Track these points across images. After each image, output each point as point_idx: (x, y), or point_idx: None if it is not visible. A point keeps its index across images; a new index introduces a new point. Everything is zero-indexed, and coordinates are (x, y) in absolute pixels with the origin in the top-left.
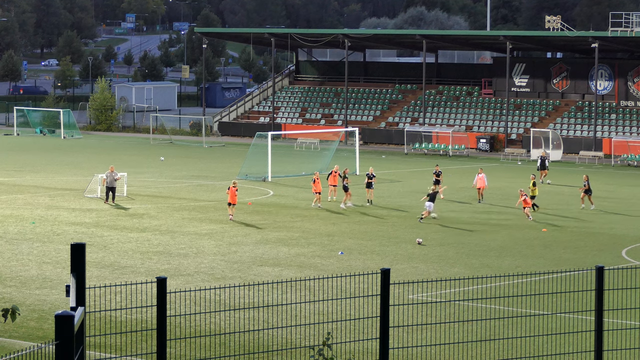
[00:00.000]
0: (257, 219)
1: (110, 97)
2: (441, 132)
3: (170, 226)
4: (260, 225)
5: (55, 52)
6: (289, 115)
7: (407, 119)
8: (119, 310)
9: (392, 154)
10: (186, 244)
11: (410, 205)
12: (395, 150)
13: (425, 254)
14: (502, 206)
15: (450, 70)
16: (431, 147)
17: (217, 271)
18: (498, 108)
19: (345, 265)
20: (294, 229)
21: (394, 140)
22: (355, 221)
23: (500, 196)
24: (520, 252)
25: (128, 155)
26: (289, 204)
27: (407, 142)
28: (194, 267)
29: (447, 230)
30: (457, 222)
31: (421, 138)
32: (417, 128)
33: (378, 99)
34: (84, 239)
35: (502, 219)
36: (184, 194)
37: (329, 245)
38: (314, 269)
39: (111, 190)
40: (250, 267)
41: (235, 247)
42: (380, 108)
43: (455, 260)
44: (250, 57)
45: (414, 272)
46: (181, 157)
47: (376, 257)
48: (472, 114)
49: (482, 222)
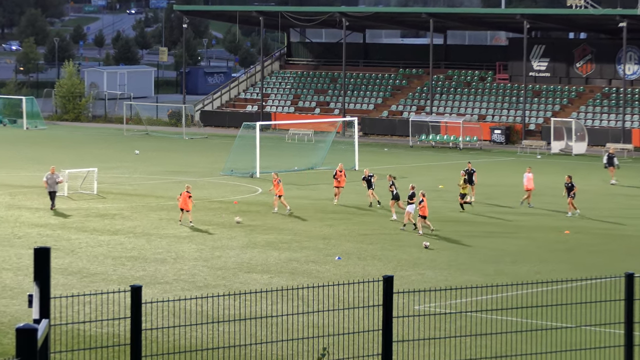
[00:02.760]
0: (243, 220)
1: (78, 83)
2: (450, 122)
3: (146, 228)
4: (248, 226)
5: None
6: (280, 103)
7: (412, 108)
8: (88, 323)
9: (395, 147)
10: (164, 248)
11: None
12: (399, 143)
13: (433, 259)
14: (519, 206)
15: (460, 53)
16: (439, 139)
17: (198, 279)
18: (514, 95)
19: (343, 272)
20: (286, 231)
21: (397, 131)
22: (355, 222)
23: (518, 195)
24: (540, 257)
25: (99, 149)
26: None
27: (413, 134)
28: (173, 274)
29: (458, 233)
30: (468, 223)
31: (428, 129)
32: (423, 118)
33: (379, 85)
34: (48, 242)
35: (520, 220)
36: (162, 191)
37: (325, 250)
38: (307, 276)
39: (52, 195)
40: (236, 274)
41: (219, 252)
42: (382, 95)
43: (466, 267)
44: (236, 39)
45: (421, 279)
46: (158, 151)
47: (378, 262)
48: (485, 101)
49: (497, 223)
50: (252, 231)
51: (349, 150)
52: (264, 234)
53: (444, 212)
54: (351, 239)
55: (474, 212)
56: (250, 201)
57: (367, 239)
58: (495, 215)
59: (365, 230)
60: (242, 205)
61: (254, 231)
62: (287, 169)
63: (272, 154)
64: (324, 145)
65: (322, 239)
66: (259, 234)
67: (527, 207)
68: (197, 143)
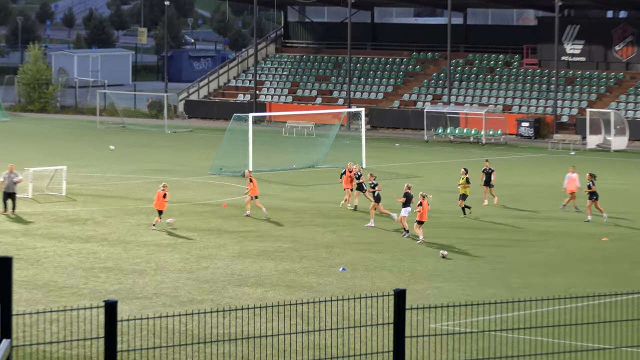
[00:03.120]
0: (234, 225)
1: (45, 68)
2: (471, 114)
3: (122, 235)
4: (239, 233)
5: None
6: (276, 92)
7: (427, 97)
8: (55, 343)
9: (408, 142)
10: (143, 257)
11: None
12: (412, 137)
13: (451, 270)
14: (550, 209)
15: (482, 34)
16: (458, 133)
17: (182, 293)
18: (544, 83)
19: (348, 285)
20: (283, 239)
21: (410, 123)
22: (361, 228)
23: (549, 196)
24: (574, 268)
25: (68, 143)
26: (275, 206)
27: (428, 127)
28: (153, 287)
29: (479, 241)
30: (491, 230)
31: (446, 121)
32: (440, 108)
33: (390, 71)
34: (10, 251)
35: (549, 225)
36: (140, 193)
37: (328, 260)
38: (307, 289)
39: (10, 197)
40: (225, 287)
41: (206, 262)
42: (392, 83)
43: (490, 279)
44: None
45: (437, 293)
46: (137, 146)
47: (388, 274)
48: (511, 90)
49: (523, 229)
50: (244, 238)
51: (355, 145)
52: (257, 241)
53: (462, 216)
54: (357, 247)
55: (497, 218)
56: (242, 204)
57: (375, 247)
58: (520, 221)
59: (374, 237)
60: (232, 209)
61: (246, 238)
62: (284, 168)
63: (267, 149)
64: (326, 140)
65: (324, 247)
66: (251, 241)
67: (573, 212)
68: (181, 137)
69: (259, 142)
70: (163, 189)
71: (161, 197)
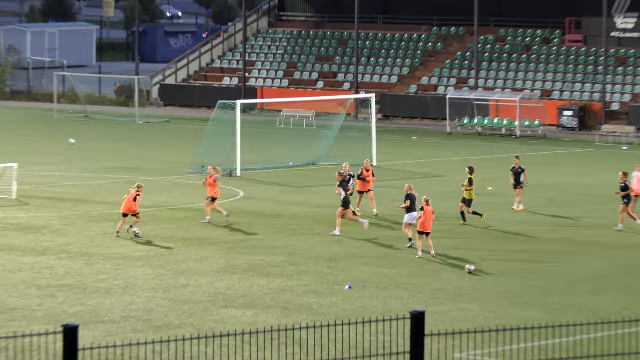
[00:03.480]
0: (219, 235)
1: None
2: (503, 101)
3: (85, 246)
4: (225, 243)
5: None
6: (269, 74)
7: (450, 81)
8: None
9: (427, 135)
10: (109, 273)
11: (455, 214)
12: (433, 129)
13: (479, 289)
14: (597, 215)
15: (517, 6)
16: (488, 124)
17: (156, 316)
18: (591, 63)
19: (355, 307)
20: (277, 250)
21: (430, 112)
22: (371, 238)
23: (596, 199)
24: (627, 286)
25: (19, 137)
26: (268, 212)
27: (451, 117)
28: (122, 309)
29: (513, 253)
30: (526, 239)
31: (472, 109)
32: (466, 94)
33: (405, 50)
34: None
35: (596, 234)
36: (106, 196)
37: (330, 276)
38: (307, 312)
39: None
40: (208, 309)
41: (185, 279)
42: (408, 64)
43: (525, 299)
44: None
45: (462, 317)
46: (102, 140)
47: (404, 293)
48: (550, 72)
49: (564, 239)
50: (230, 250)
51: (364, 139)
52: (246, 253)
53: (492, 224)
54: (366, 261)
55: (533, 225)
56: (229, 209)
57: (388, 261)
58: (561, 229)
59: (386, 248)
60: (216, 215)
61: (234, 250)
62: (279, 165)
63: (259, 144)
64: (329, 133)
65: (326, 260)
66: (240, 253)
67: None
68: (155, 129)
69: (249, 134)
70: (137, 190)
71: (131, 200)
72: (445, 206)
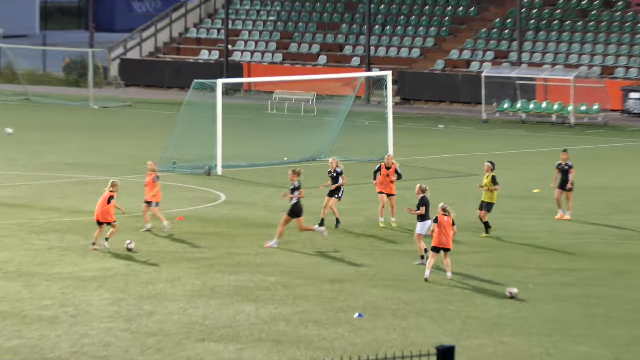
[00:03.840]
0: (194, 249)
1: None
2: (554, 80)
3: (26, 263)
4: (202, 260)
5: None
6: (258, 47)
7: (486, 55)
8: None
9: (457, 122)
10: (55, 298)
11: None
12: (464, 115)
13: (523, 316)
14: None
15: None
16: (534, 109)
17: (115, 352)
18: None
19: (367, 340)
20: (267, 268)
21: (460, 95)
22: (385, 251)
23: None
24: None
25: None
26: (255, 220)
27: (488, 100)
28: (71, 344)
29: (566, 272)
30: (582, 255)
31: (514, 92)
32: (505, 72)
33: (430, 16)
34: None
35: None
36: (52, 200)
37: (335, 301)
38: (305, 346)
39: None
40: (180, 343)
41: (152, 305)
42: (434, 33)
43: (581, 331)
44: None
45: (503, 352)
46: (47, 130)
47: (427, 322)
48: (613, 44)
49: (630, 254)
50: (209, 268)
51: (377, 127)
52: (229, 272)
53: (539, 235)
54: (380, 282)
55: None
56: (207, 216)
57: (407, 283)
58: (624, 242)
59: (404, 267)
60: (192, 223)
61: (213, 268)
62: (271, 162)
63: (245, 135)
64: (333, 120)
65: (329, 281)
66: (221, 272)
67: None
68: (114, 115)
69: (233, 122)
70: (111, 190)
71: (104, 203)
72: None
